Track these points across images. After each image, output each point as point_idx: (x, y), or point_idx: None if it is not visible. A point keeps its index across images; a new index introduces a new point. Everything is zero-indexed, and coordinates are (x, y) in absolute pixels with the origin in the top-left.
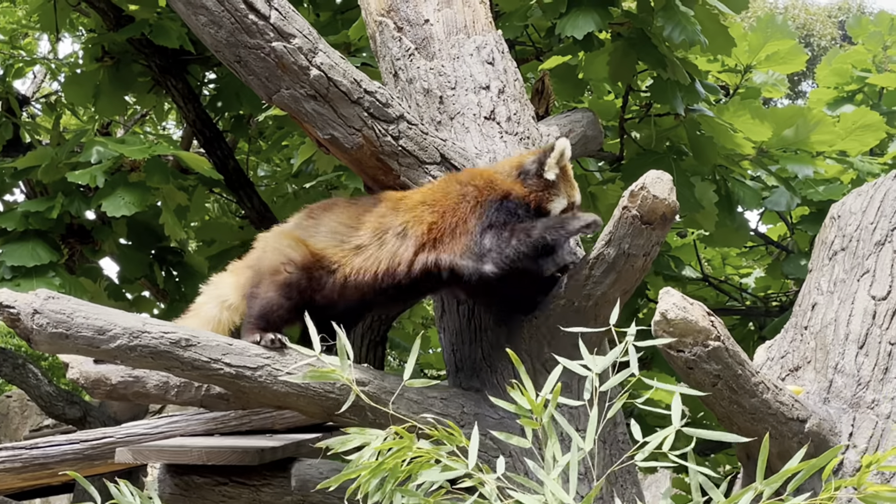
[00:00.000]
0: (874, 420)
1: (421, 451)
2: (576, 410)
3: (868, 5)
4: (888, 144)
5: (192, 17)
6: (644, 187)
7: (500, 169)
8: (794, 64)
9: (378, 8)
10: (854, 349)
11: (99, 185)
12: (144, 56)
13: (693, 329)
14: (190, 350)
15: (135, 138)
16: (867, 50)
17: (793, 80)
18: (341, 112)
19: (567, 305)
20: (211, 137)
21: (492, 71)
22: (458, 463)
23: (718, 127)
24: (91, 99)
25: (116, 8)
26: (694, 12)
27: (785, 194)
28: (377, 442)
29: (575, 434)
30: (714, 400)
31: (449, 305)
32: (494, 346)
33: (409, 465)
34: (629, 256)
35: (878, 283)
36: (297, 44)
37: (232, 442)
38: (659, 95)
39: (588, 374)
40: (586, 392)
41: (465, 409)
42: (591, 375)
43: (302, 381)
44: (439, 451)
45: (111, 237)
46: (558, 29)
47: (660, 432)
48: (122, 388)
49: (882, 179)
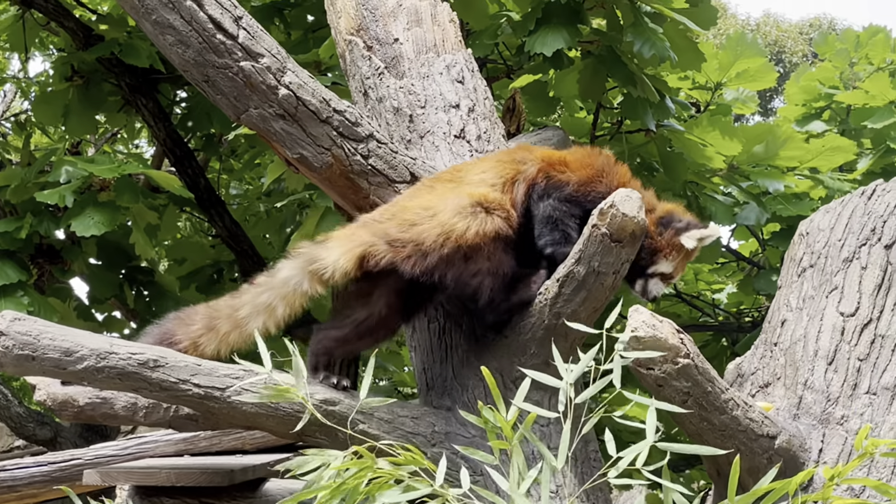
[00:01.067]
0: (843, 436)
1: (381, 472)
2: (547, 428)
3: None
4: (857, 161)
5: (159, 36)
6: (613, 205)
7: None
8: (764, 81)
9: (347, 27)
10: (823, 365)
11: (68, 205)
12: (114, 75)
13: (663, 347)
14: (158, 371)
15: (104, 157)
16: (834, 67)
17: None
18: (310, 131)
19: (537, 323)
20: (182, 156)
21: (462, 89)
22: (421, 483)
23: (689, 143)
24: (61, 118)
25: (86, 27)
26: (663, 30)
27: (755, 209)
28: (336, 463)
29: (546, 452)
30: (684, 417)
31: (420, 324)
32: (465, 364)
33: (369, 486)
34: (599, 274)
35: (846, 300)
36: (266, 63)
37: (202, 463)
38: (630, 112)
39: (560, 385)
40: (560, 405)
41: (436, 428)
42: (564, 386)
43: (258, 401)
44: (400, 472)
45: (81, 257)
46: (528, 46)
47: (633, 447)
48: (89, 409)
49: (850, 196)
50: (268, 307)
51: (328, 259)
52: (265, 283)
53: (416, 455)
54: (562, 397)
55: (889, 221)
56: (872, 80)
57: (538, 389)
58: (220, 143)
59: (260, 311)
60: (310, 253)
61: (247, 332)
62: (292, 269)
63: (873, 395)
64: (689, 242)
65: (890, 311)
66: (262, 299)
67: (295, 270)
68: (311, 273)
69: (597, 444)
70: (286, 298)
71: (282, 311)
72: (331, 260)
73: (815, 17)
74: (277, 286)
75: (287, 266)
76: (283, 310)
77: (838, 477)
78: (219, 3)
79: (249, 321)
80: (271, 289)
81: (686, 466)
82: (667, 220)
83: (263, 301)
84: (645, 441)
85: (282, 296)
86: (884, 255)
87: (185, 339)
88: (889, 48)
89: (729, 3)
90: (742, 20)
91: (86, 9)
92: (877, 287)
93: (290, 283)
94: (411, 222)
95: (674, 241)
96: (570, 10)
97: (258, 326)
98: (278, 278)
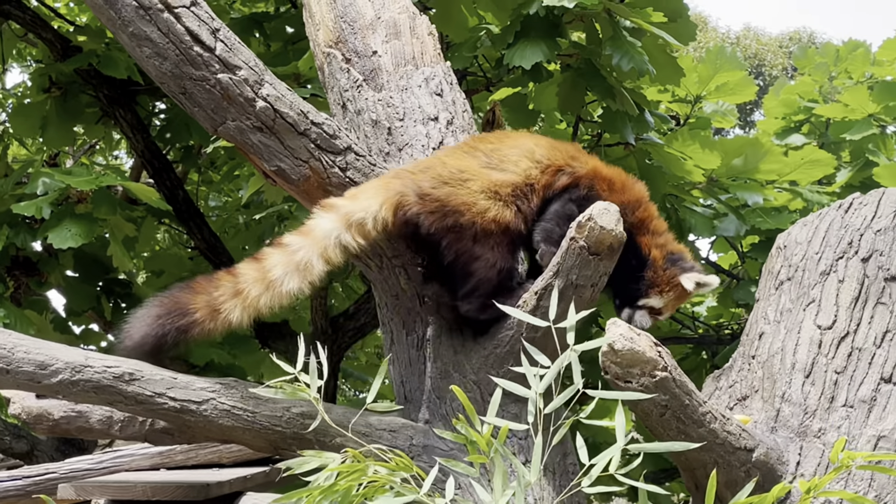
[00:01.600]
0: (821, 449)
1: (376, 477)
2: (524, 442)
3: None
4: (836, 174)
5: (136, 49)
6: (591, 218)
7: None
8: (743, 94)
9: (326, 39)
10: (801, 378)
11: (45, 217)
12: (92, 87)
13: (640, 359)
14: (133, 384)
15: (82, 169)
16: (814, 80)
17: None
18: (288, 144)
19: (515, 336)
20: (160, 168)
21: (440, 102)
22: (410, 490)
23: (668, 156)
24: (38, 129)
25: (64, 38)
26: (641, 43)
27: (734, 221)
28: (334, 464)
29: (520, 465)
30: (662, 430)
31: (397, 337)
32: (443, 376)
33: (364, 490)
34: (577, 287)
35: (823, 313)
36: (243, 75)
37: (178, 477)
38: (609, 125)
39: (529, 395)
40: (530, 415)
41: (414, 441)
42: (533, 396)
43: (274, 396)
44: (393, 478)
45: (58, 269)
46: (506, 59)
47: (604, 452)
48: (64, 422)
49: (827, 210)
50: (305, 265)
51: (369, 209)
52: (298, 242)
53: (406, 462)
54: (531, 407)
55: (866, 235)
56: (851, 93)
57: (517, 402)
58: (199, 154)
59: (296, 270)
60: (345, 206)
61: (282, 292)
62: (331, 223)
63: (850, 407)
64: (688, 284)
65: (867, 324)
66: (299, 257)
67: (334, 223)
68: (351, 225)
69: (576, 456)
70: (324, 254)
71: (319, 269)
72: (372, 210)
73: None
74: (315, 242)
75: (323, 221)
76: (320, 266)
77: (815, 490)
78: (196, 15)
79: (284, 281)
80: (307, 246)
81: (666, 479)
82: (675, 258)
83: (300, 259)
84: (616, 445)
85: (320, 252)
86: (861, 268)
87: (202, 306)
88: (868, 63)
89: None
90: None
91: (64, 20)
92: (854, 300)
93: (330, 238)
94: (444, 180)
95: (674, 280)
96: (549, 24)
97: (294, 287)
98: (316, 234)
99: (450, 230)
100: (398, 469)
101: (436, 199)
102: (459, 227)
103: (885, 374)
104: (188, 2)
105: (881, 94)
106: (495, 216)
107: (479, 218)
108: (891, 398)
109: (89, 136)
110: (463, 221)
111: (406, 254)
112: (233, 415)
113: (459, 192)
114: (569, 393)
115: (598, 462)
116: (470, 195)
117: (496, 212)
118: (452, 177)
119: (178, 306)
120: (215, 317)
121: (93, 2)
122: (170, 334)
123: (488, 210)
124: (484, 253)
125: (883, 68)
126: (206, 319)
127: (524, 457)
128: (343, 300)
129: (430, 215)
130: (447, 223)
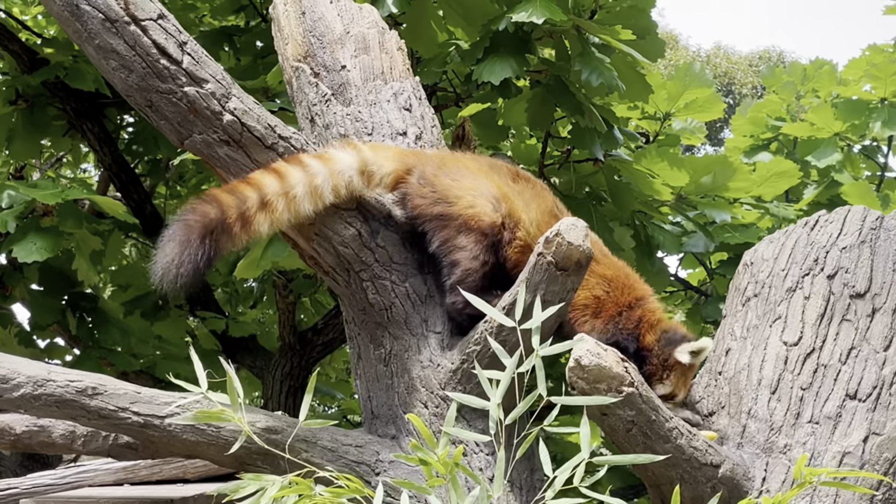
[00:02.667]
0: (787, 465)
1: (321, 499)
2: (491, 457)
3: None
4: (803, 191)
5: (102, 61)
6: (559, 234)
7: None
8: (712, 112)
9: (295, 53)
10: (767, 394)
11: (10, 230)
12: (59, 99)
13: (607, 375)
14: (97, 398)
15: (47, 182)
16: (781, 99)
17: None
18: (255, 157)
19: (483, 352)
20: (127, 181)
21: (409, 117)
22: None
23: (637, 173)
24: (5, 142)
25: (31, 50)
26: (610, 60)
27: (702, 238)
28: (274, 489)
29: (483, 481)
30: (628, 446)
31: (364, 352)
32: (410, 391)
33: None
34: (544, 303)
35: (789, 329)
36: (210, 89)
37: (142, 492)
38: (578, 141)
39: (488, 405)
40: (491, 427)
41: (381, 457)
42: (493, 407)
43: (190, 422)
44: (339, 499)
45: (22, 282)
46: (475, 75)
47: (567, 463)
48: (26, 437)
49: (793, 227)
50: (318, 191)
51: (384, 167)
52: (317, 167)
53: (356, 483)
54: (491, 417)
55: (832, 252)
56: (817, 112)
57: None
58: (167, 168)
59: (311, 194)
60: (368, 154)
61: (299, 211)
62: (350, 161)
63: (816, 423)
64: (683, 358)
65: (832, 340)
66: (317, 182)
67: (352, 162)
68: (365, 172)
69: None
70: (336, 188)
71: (328, 199)
72: (386, 169)
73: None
74: (332, 173)
75: (344, 156)
76: (329, 198)
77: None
78: (163, 28)
79: (302, 202)
80: (324, 173)
81: (634, 495)
82: (667, 338)
83: (317, 184)
84: (579, 455)
85: (333, 184)
86: (826, 284)
87: (235, 213)
88: (835, 81)
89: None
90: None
91: (31, 32)
92: (819, 316)
93: (345, 174)
94: (446, 172)
95: (669, 361)
96: (518, 40)
97: (309, 209)
98: (334, 166)
99: (435, 219)
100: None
101: (431, 185)
102: (446, 218)
103: (850, 390)
104: (155, 14)
105: (846, 112)
106: (483, 214)
107: (465, 211)
108: (856, 415)
109: (56, 148)
110: (449, 211)
111: (374, 267)
112: (197, 430)
113: (455, 186)
114: (531, 399)
115: (561, 474)
116: (463, 190)
117: (486, 213)
118: (455, 173)
119: (206, 220)
120: (246, 226)
121: (59, 14)
122: (207, 245)
123: (475, 206)
124: (468, 245)
125: (849, 87)
126: (236, 224)
127: (491, 472)
128: (312, 315)
129: (419, 198)
130: (435, 211)
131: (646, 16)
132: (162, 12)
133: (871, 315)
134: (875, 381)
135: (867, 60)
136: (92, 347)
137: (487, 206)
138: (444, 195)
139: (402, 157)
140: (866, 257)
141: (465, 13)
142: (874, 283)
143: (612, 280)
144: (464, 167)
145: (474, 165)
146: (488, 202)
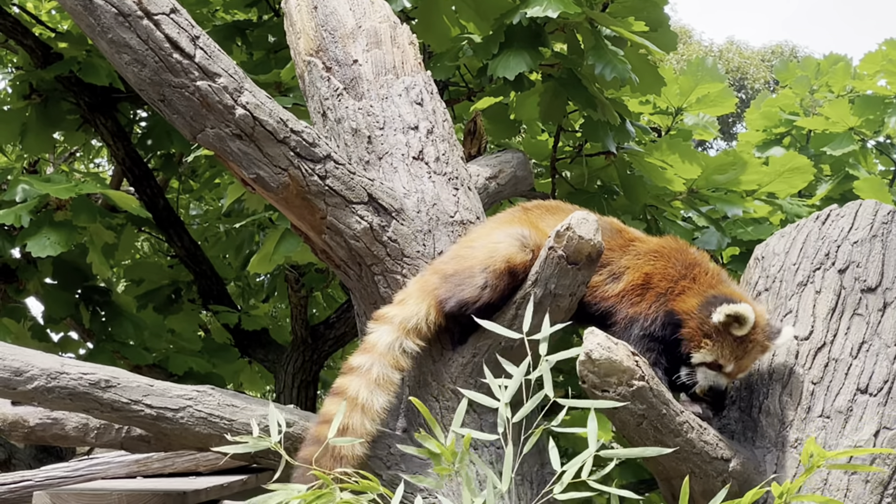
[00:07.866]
0: (797, 459)
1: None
2: (501, 451)
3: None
4: (816, 187)
5: (115, 55)
6: (570, 228)
7: (706, 277)
8: (724, 106)
9: (307, 48)
10: (778, 389)
11: (24, 225)
12: (73, 94)
13: (618, 369)
14: (110, 391)
15: (61, 177)
16: (795, 93)
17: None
18: (267, 151)
19: (494, 345)
20: (140, 176)
21: (420, 111)
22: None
23: (649, 166)
24: (18, 136)
25: (44, 45)
26: (623, 52)
27: (715, 234)
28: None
29: (491, 474)
30: (639, 439)
31: None
32: (421, 385)
33: None
34: (555, 296)
35: (800, 324)
36: (223, 83)
37: (154, 485)
38: (590, 135)
39: (498, 405)
40: (499, 426)
41: (392, 450)
42: (501, 406)
43: (243, 451)
44: (360, 501)
45: (36, 276)
46: (490, 70)
47: (575, 458)
48: (40, 430)
49: (804, 221)
50: (381, 379)
51: (419, 313)
52: (366, 361)
53: (372, 482)
54: (500, 417)
55: (843, 246)
56: (832, 106)
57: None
58: (180, 162)
59: (377, 386)
60: (398, 315)
61: (376, 410)
62: (390, 335)
63: (827, 418)
64: (716, 317)
65: (843, 334)
66: (374, 373)
67: (393, 334)
68: (409, 331)
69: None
70: (395, 364)
71: (396, 378)
72: (422, 314)
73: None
74: (382, 356)
75: (382, 334)
76: (396, 376)
77: (787, 494)
78: (176, 22)
79: (373, 400)
80: (376, 361)
81: (645, 489)
82: (710, 301)
83: (376, 375)
84: (587, 450)
85: (391, 363)
86: (837, 279)
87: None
88: (849, 76)
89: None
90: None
91: (44, 27)
92: (830, 311)
93: (394, 348)
94: (457, 253)
95: (706, 325)
96: (531, 34)
97: (384, 400)
98: (380, 349)
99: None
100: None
101: (452, 272)
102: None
103: (861, 384)
104: (168, 9)
105: (861, 107)
106: (513, 256)
107: (490, 261)
108: (867, 409)
109: (69, 143)
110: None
111: (385, 261)
112: (209, 422)
113: (477, 252)
114: (536, 400)
115: (570, 469)
116: (491, 243)
117: (516, 254)
118: (471, 249)
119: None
120: (350, 432)
121: (73, 8)
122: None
123: (507, 250)
124: (488, 279)
125: (863, 82)
126: (348, 428)
127: (501, 466)
128: (324, 309)
129: (451, 288)
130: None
131: (658, 9)
132: (174, 6)
133: (882, 309)
134: (886, 376)
135: (883, 55)
136: (105, 341)
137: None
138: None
139: (422, 287)
140: (878, 251)
141: (477, 7)
142: (885, 277)
143: (658, 252)
144: (471, 238)
145: (480, 229)
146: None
